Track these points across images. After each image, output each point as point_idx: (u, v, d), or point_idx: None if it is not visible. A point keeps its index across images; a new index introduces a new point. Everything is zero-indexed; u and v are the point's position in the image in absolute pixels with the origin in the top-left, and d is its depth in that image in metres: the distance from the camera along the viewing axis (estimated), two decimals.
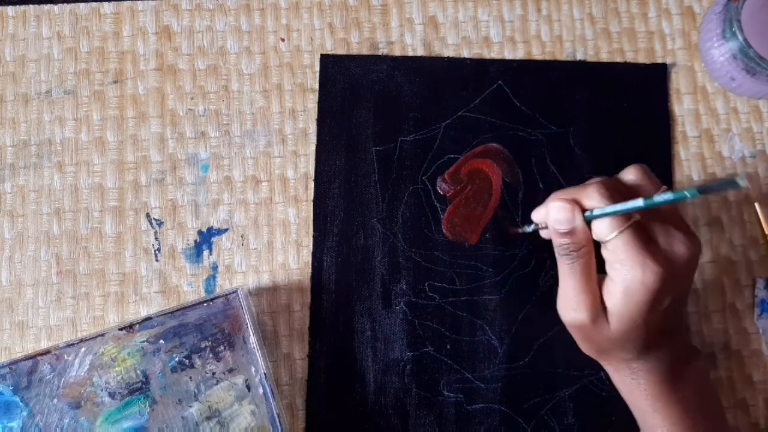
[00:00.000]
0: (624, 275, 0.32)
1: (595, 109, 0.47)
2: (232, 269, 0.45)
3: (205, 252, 0.45)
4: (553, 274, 0.44)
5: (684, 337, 0.37)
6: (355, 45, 0.47)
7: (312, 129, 0.46)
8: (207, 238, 0.45)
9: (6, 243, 0.45)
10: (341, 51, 0.47)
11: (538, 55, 0.48)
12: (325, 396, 0.43)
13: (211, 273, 0.45)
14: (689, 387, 0.35)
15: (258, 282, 0.45)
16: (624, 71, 0.47)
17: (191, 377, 0.40)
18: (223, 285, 0.45)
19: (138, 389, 0.39)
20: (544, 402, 0.44)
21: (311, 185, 0.46)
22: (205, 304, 0.40)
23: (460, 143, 0.46)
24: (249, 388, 0.40)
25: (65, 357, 0.39)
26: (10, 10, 0.47)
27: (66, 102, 0.46)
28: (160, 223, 0.45)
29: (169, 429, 0.39)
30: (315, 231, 0.45)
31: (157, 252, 0.45)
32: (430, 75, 0.47)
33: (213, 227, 0.45)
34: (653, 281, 0.32)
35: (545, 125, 0.46)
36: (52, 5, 0.47)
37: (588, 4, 0.48)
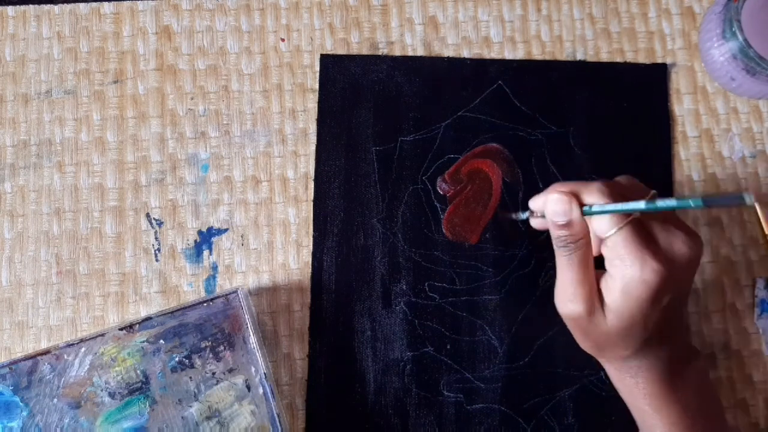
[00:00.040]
0: (623, 272, 0.32)
1: (595, 109, 0.47)
2: (232, 269, 0.45)
3: (205, 252, 0.45)
4: (553, 274, 0.44)
5: (684, 337, 0.37)
6: (355, 45, 0.47)
7: (312, 129, 0.46)
8: (207, 238, 0.45)
9: (6, 243, 0.45)
10: (341, 51, 0.47)
11: (538, 55, 0.48)
12: (325, 396, 0.43)
13: (211, 273, 0.45)
14: (688, 387, 0.35)
15: (258, 282, 0.45)
16: (624, 71, 0.47)
17: (191, 377, 0.40)
18: (223, 285, 0.45)
19: (138, 389, 0.39)
20: (544, 402, 0.44)
21: (311, 185, 0.46)
22: (205, 304, 0.40)
23: (460, 143, 0.46)
24: (249, 388, 0.40)
25: (65, 357, 0.39)
26: (10, 10, 0.47)
27: (66, 102, 0.46)
28: (160, 223, 0.45)
29: (169, 429, 0.39)
30: (315, 231, 0.45)
31: (157, 252, 0.45)
32: (430, 75, 0.47)
33: (213, 227, 0.45)
34: (653, 279, 0.32)
35: (545, 125, 0.46)
36: (52, 5, 0.47)
37: (588, 4, 0.48)
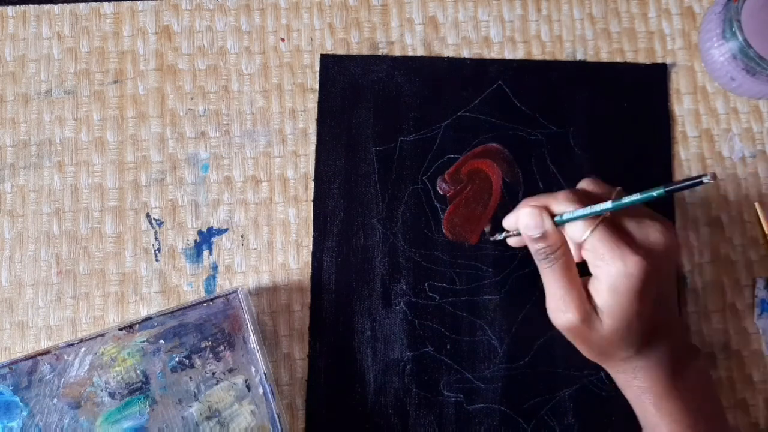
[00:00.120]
0: (607, 271, 0.33)
1: (595, 109, 0.47)
2: (232, 269, 0.45)
3: (205, 252, 0.45)
4: None
5: (683, 336, 0.37)
6: (355, 45, 0.47)
7: (312, 129, 0.46)
8: (207, 238, 0.45)
9: (6, 243, 0.45)
10: (341, 51, 0.47)
11: (538, 55, 0.48)
12: (325, 396, 0.43)
13: (211, 273, 0.45)
14: (690, 386, 0.36)
15: (258, 282, 0.45)
16: (624, 71, 0.47)
17: (191, 377, 0.40)
18: (223, 285, 0.45)
19: (138, 389, 0.39)
20: (544, 402, 0.44)
21: (311, 185, 0.46)
22: (205, 304, 0.40)
23: (460, 143, 0.46)
24: (249, 388, 0.40)
25: (65, 357, 0.39)
26: (10, 10, 0.47)
27: (66, 102, 0.46)
28: (160, 223, 0.45)
29: (169, 429, 0.39)
30: (315, 231, 0.45)
31: (157, 252, 0.45)
32: (430, 75, 0.47)
33: (213, 227, 0.45)
34: (636, 271, 0.32)
35: (545, 125, 0.46)
36: (52, 5, 0.47)
37: (588, 4, 0.48)
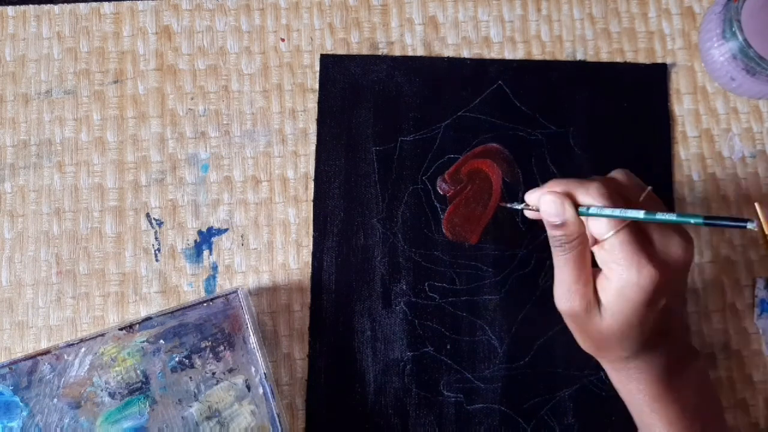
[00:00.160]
0: (619, 275, 0.32)
1: (595, 109, 0.47)
2: (232, 269, 0.45)
3: (205, 252, 0.45)
4: (553, 274, 0.44)
5: (683, 338, 0.37)
6: (355, 45, 0.47)
7: (312, 129, 0.46)
8: (207, 238, 0.45)
9: (6, 243, 0.45)
10: (341, 51, 0.47)
11: (538, 55, 0.48)
12: (325, 396, 0.43)
13: (211, 273, 0.45)
14: (687, 387, 0.35)
15: (258, 282, 0.45)
16: (624, 71, 0.47)
17: (191, 377, 0.40)
18: (223, 285, 0.45)
19: (138, 389, 0.39)
20: (544, 402, 0.44)
21: (311, 185, 0.46)
22: (205, 304, 0.40)
23: (460, 143, 0.46)
24: (249, 388, 0.40)
25: (65, 357, 0.39)
26: (10, 10, 0.47)
27: (66, 102, 0.46)
28: (160, 223, 0.45)
29: (169, 429, 0.39)
30: (315, 231, 0.45)
31: (157, 252, 0.45)
32: (430, 75, 0.47)
33: (213, 227, 0.45)
34: (648, 283, 0.31)
35: (545, 125, 0.46)
36: (52, 5, 0.47)
37: (588, 4, 0.48)
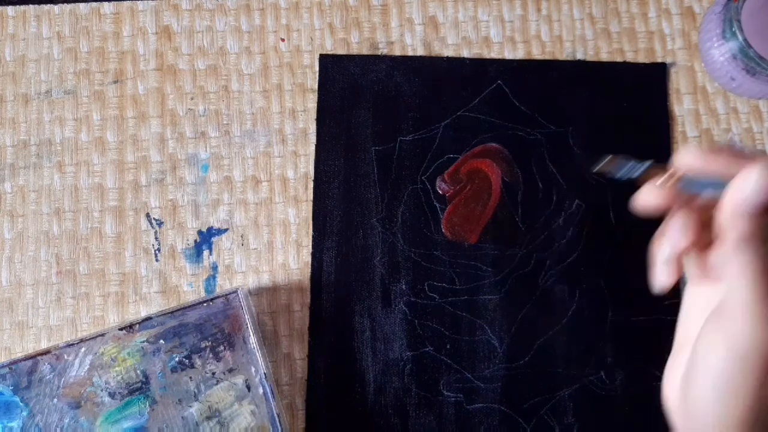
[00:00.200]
0: (737, 329, 0.24)
1: (595, 109, 0.47)
2: (232, 269, 0.45)
3: (205, 252, 0.45)
4: (553, 273, 0.44)
5: None
6: (355, 45, 0.47)
7: (312, 129, 0.46)
8: (207, 238, 0.45)
9: (6, 243, 0.45)
10: (341, 51, 0.47)
11: (538, 55, 0.48)
12: (325, 396, 0.44)
13: (211, 273, 0.45)
14: None
15: (258, 282, 0.45)
16: (624, 71, 0.47)
17: (191, 377, 0.40)
18: (223, 285, 0.45)
19: (138, 389, 0.39)
20: (544, 402, 0.44)
21: (311, 185, 0.46)
22: (205, 304, 0.40)
23: (459, 143, 0.46)
24: (249, 388, 0.40)
25: (65, 357, 0.39)
26: (10, 10, 0.47)
27: (66, 102, 0.46)
28: (160, 223, 0.45)
29: (169, 429, 0.39)
30: (315, 231, 0.45)
31: (157, 252, 0.45)
32: (429, 75, 0.47)
33: (213, 227, 0.45)
34: None
35: (544, 125, 0.46)
36: (52, 5, 0.47)
37: (588, 4, 0.48)
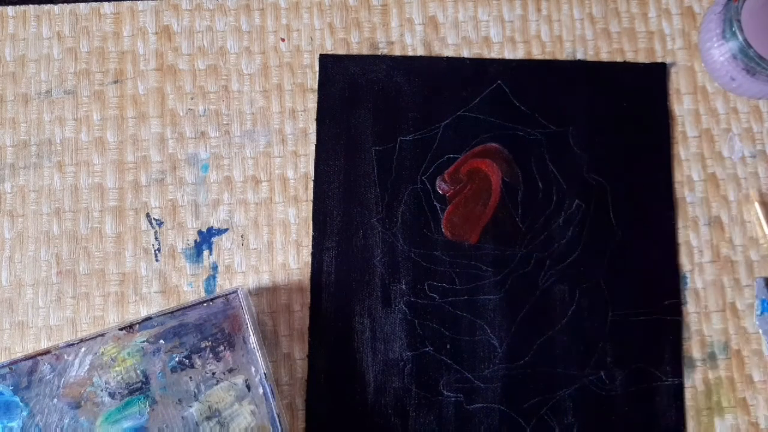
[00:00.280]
0: None
1: (595, 109, 0.47)
2: (232, 269, 0.45)
3: (205, 252, 0.45)
4: (553, 273, 0.44)
5: None
6: (355, 45, 0.47)
7: (312, 129, 0.46)
8: (207, 238, 0.45)
9: (6, 243, 0.45)
10: (341, 51, 0.47)
11: (538, 55, 0.48)
12: (325, 396, 0.44)
13: (211, 273, 0.45)
14: None
15: (258, 282, 0.45)
16: (624, 71, 0.47)
17: (191, 377, 0.40)
18: (223, 285, 0.45)
19: (138, 389, 0.39)
20: (544, 402, 0.44)
21: (311, 185, 0.46)
22: (205, 304, 0.40)
23: (459, 143, 0.46)
24: (249, 388, 0.40)
25: (65, 357, 0.39)
26: (10, 10, 0.47)
27: (66, 102, 0.46)
28: (160, 223, 0.45)
29: (169, 429, 0.39)
30: (315, 231, 0.45)
31: (157, 252, 0.45)
32: (429, 75, 0.47)
33: (213, 227, 0.45)
34: None
35: (544, 125, 0.46)
36: (52, 5, 0.47)
37: (588, 4, 0.48)
